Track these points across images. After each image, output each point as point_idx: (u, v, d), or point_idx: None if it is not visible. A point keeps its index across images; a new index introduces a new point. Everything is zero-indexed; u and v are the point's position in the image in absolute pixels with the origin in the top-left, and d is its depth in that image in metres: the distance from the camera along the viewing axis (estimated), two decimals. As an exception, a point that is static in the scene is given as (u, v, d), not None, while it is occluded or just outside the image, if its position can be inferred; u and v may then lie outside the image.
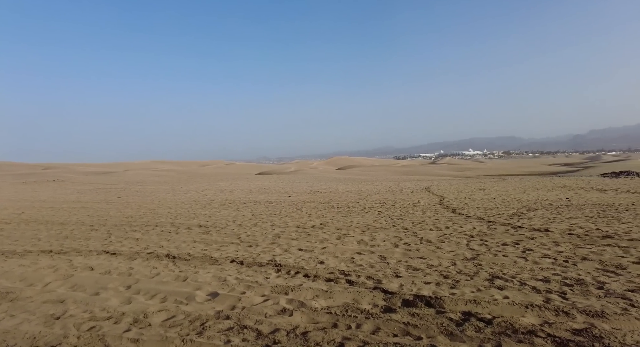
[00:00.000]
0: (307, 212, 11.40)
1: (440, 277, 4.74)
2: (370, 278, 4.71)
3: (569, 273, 4.67)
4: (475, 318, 3.41)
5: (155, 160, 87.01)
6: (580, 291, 4.06)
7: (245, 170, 62.01)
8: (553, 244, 6.25)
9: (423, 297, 3.95)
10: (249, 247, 6.70)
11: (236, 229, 8.69)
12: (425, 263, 5.40)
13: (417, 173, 51.41)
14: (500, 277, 4.61)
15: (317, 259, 5.68)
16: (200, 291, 4.34)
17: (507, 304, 3.68)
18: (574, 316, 3.40)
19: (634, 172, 27.86)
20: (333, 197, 16.17)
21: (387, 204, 13.10)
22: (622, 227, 7.49)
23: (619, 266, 4.95)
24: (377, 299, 3.99)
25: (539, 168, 60.87)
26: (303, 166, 69.87)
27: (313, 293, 4.21)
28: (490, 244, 6.46)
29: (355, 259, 5.65)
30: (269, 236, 7.63)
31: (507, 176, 40.97)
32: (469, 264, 5.30)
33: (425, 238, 7.13)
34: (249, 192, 20.10)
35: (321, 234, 7.75)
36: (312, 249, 6.35)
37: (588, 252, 5.64)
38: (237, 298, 4.11)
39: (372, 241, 7.01)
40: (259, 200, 15.70)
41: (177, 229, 8.82)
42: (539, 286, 4.24)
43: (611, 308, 3.59)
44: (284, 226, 8.94)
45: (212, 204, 14.44)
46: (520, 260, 5.36)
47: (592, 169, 42.27)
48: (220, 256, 6.04)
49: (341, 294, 4.17)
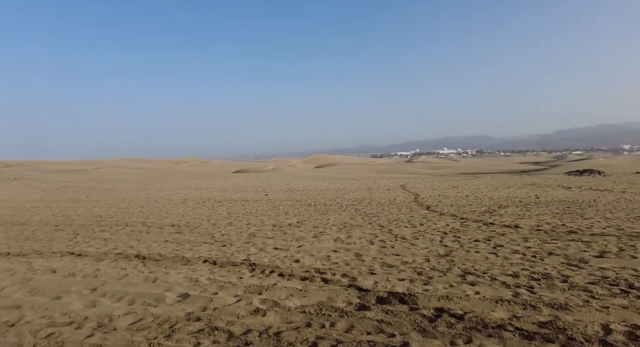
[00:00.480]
0: (284, 210, 11.32)
1: (414, 273, 4.79)
2: (345, 276, 4.70)
3: (536, 268, 4.83)
4: (448, 314, 3.46)
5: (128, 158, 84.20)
6: (546, 284, 4.20)
7: (221, 168, 61.02)
8: (522, 240, 6.46)
9: (397, 294, 3.97)
10: (223, 246, 6.56)
11: (210, 228, 8.50)
12: (399, 260, 5.45)
13: (394, 171, 52.21)
14: (472, 273, 4.70)
15: (293, 258, 5.62)
16: (170, 292, 4.19)
17: (478, 300, 3.75)
18: (540, 309, 3.50)
19: (595, 171, 29.36)
20: (311, 195, 16.13)
21: (364, 202, 13.19)
22: (585, 223, 7.84)
23: (582, 259, 5.16)
24: (352, 297, 3.98)
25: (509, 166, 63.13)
26: (281, 164, 69.47)
27: (287, 292, 4.15)
28: (462, 241, 6.60)
29: (331, 257, 5.63)
30: (244, 235, 7.51)
31: (479, 174, 42.25)
32: (442, 260, 5.38)
33: (401, 235, 7.21)
34: (225, 191, 19.76)
35: (298, 232, 7.70)
36: (288, 248, 6.29)
37: (554, 247, 5.86)
38: (209, 299, 4.00)
39: (348, 238, 7.02)
40: (235, 198, 15.46)
41: (148, 229, 8.54)
42: (509, 281, 4.36)
43: (574, 300, 3.72)
44: (260, 224, 8.82)
45: (186, 203, 14.09)
46: (492, 256, 5.51)
47: (559, 168, 44.25)
48: (192, 256, 5.87)
49: (316, 292, 4.13)
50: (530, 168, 54.47)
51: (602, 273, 4.57)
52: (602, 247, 5.77)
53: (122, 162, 73.25)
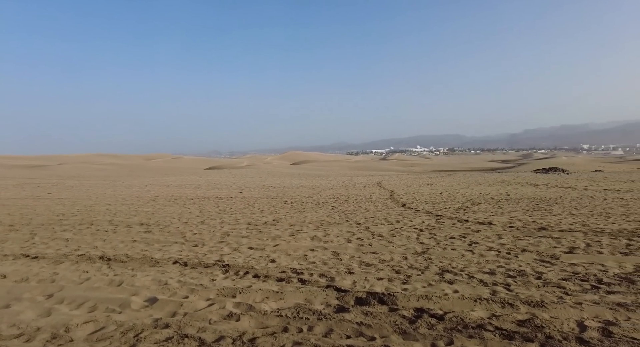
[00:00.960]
0: (260, 208, 11.06)
1: (393, 272, 4.73)
2: (323, 276, 4.57)
3: (511, 265, 4.89)
4: (428, 314, 3.40)
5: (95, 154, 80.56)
6: (522, 281, 4.24)
7: (194, 165, 59.50)
8: (496, 237, 6.56)
9: (376, 294, 3.88)
10: (194, 246, 6.27)
11: (181, 227, 8.15)
12: (377, 258, 5.38)
13: (369, 168, 52.71)
14: (449, 271, 4.69)
15: (269, 258, 5.43)
16: (136, 297, 3.91)
17: (458, 299, 3.72)
18: (518, 307, 3.51)
19: (560, 169, 30.79)
20: (287, 193, 15.92)
21: (340, 199, 13.13)
22: (553, 219, 8.09)
23: (553, 256, 5.28)
24: (330, 298, 3.85)
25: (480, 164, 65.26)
26: (256, 161, 68.62)
27: (263, 295, 3.97)
28: (439, 238, 6.63)
29: (308, 256, 5.49)
30: (217, 235, 7.22)
31: (451, 171, 43.37)
32: (420, 258, 5.36)
33: (378, 233, 7.17)
34: (198, 188, 19.19)
35: (273, 231, 7.50)
36: (264, 247, 6.09)
37: (527, 244, 5.98)
38: (179, 303, 3.76)
39: (325, 236, 6.89)
40: (208, 196, 15.01)
41: (115, 228, 8.08)
42: (486, 278, 4.37)
43: (549, 297, 3.76)
44: (234, 223, 8.55)
45: (156, 201, 13.54)
46: (468, 253, 5.54)
47: (526, 166, 46.11)
48: (162, 257, 5.56)
49: (293, 294, 3.97)
50: (499, 166, 56.51)
51: (573, 269, 4.67)
52: (571, 243, 5.95)
53: (89, 158, 70.02)
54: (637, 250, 5.50)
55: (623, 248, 5.62)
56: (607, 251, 5.47)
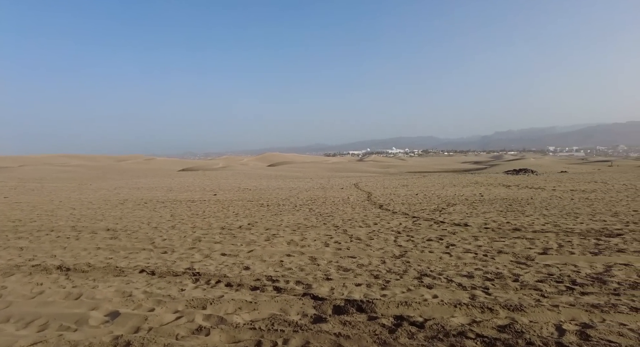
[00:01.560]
0: (234, 211, 10.73)
1: (371, 277, 4.61)
2: (299, 283, 4.39)
3: (489, 267, 4.87)
4: (408, 322, 3.28)
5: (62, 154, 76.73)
6: (500, 284, 4.22)
7: (167, 166, 57.82)
8: (473, 239, 6.58)
9: (355, 302, 3.74)
10: (163, 253, 5.93)
11: (150, 232, 7.75)
12: (355, 263, 5.26)
13: (346, 170, 52.91)
14: (428, 275, 4.62)
15: (243, 265, 5.19)
16: (96, 311, 3.59)
17: (437, 304, 3.63)
18: (498, 311, 3.46)
19: (529, 170, 31.92)
20: (263, 195, 15.61)
21: (318, 201, 12.98)
22: (526, 220, 8.25)
23: (528, 257, 5.32)
24: (307, 308, 3.67)
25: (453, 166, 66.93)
26: (232, 162, 67.50)
27: (235, 305, 3.74)
28: (416, 240, 6.59)
29: (284, 262, 5.29)
30: (188, 240, 6.89)
31: (426, 172, 44.16)
32: (398, 261, 5.28)
33: (355, 235, 7.06)
34: (170, 190, 18.53)
35: (248, 235, 7.24)
36: (237, 253, 5.83)
37: (503, 245, 6.02)
38: (143, 317, 3.47)
39: (302, 240, 6.71)
40: (180, 199, 14.48)
41: (78, 234, 7.58)
42: (464, 282, 4.32)
43: (527, 300, 3.74)
44: (207, 227, 8.22)
45: (125, 204, 12.92)
46: (445, 256, 5.50)
47: (498, 167, 47.62)
48: (127, 266, 5.21)
49: (267, 304, 3.77)
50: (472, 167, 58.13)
51: (548, 270, 4.71)
52: (544, 244, 6.04)
53: (55, 159, 66.62)
54: (605, 249, 5.63)
55: (592, 248, 5.75)
56: (578, 251, 5.58)
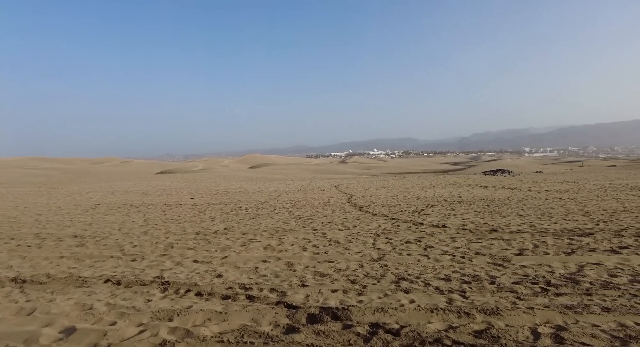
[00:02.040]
0: (211, 215, 10.44)
1: (348, 282, 4.50)
2: (273, 290, 4.22)
3: (466, 269, 4.84)
4: (383, 330, 3.18)
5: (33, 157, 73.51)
6: (477, 287, 4.18)
7: (144, 169, 56.31)
8: (450, 240, 6.57)
9: (329, 310, 3.61)
10: (132, 261, 5.65)
11: (121, 238, 7.40)
12: (333, 267, 5.13)
13: (328, 171, 52.93)
14: (405, 279, 4.54)
15: (215, 272, 4.98)
16: (49, 328, 3.32)
17: (414, 310, 3.54)
18: (474, 316, 3.40)
19: (506, 171, 32.73)
20: (242, 198, 15.32)
21: (298, 204, 12.82)
22: (503, 221, 8.35)
23: (505, 258, 5.33)
24: (280, 317, 3.52)
25: (433, 167, 68.03)
26: (212, 164, 66.39)
27: (204, 316, 3.55)
28: (395, 242, 6.53)
29: (259, 269, 5.11)
30: (160, 246, 6.61)
31: (406, 173, 44.69)
32: (376, 265, 5.19)
33: (334, 239, 6.95)
34: (145, 194, 17.96)
35: (224, 240, 7.01)
36: (211, 260, 5.61)
37: (480, 247, 6.03)
38: (102, 332, 3.23)
39: (279, 245, 6.54)
40: (155, 203, 14.03)
41: (41, 242, 7.16)
42: (442, 285, 4.26)
43: (503, 303, 3.71)
44: (181, 232, 7.93)
45: (97, 209, 12.40)
46: (423, 258, 5.45)
47: (475, 168, 48.66)
48: (91, 275, 4.91)
49: (238, 314, 3.59)
50: (451, 168, 59.19)
51: (524, 271, 4.72)
52: (520, 245, 6.08)
53: (25, 162, 63.75)
54: (578, 249, 5.72)
55: (566, 248, 5.83)
56: (552, 251, 5.64)
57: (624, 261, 5.06)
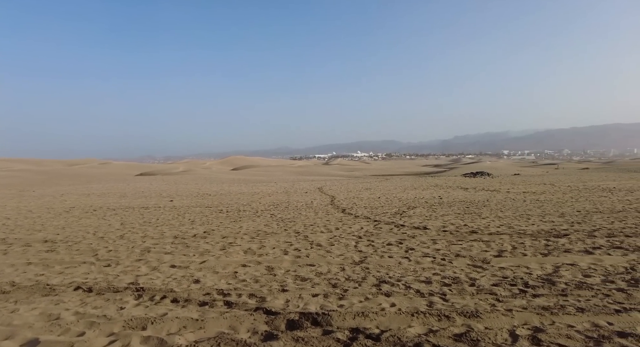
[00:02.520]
0: (190, 218, 10.21)
1: (329, 286, 4.44)
2: (253, 296, 4.12)
3: (446, 271, 4.86)
4: (364, 335, 3.13)
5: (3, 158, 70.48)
6: (457, 290, 4.19)
7: (123, 171, 54.86)
8: (431, 242, 6.61)
9: (310, 315, 3.54)
10: (106, 266, 5.43)
11: (95, 243, 7.13)
12: (314, 271, 5.07)
13: (312, 173, 52.86)
14: (386, 282, 4.52)
15: (193, 277, 4.83)
16: (10, 341, 3.12)
17: (395, 314, 3.52)
18: (454, 319, 3.40)
19: (485, 173, 33.44)
20: (223, 200, 15.08)
21: (280, 206, 12.70)
22: (482, 223, 8.48)
23: (484, 260, 5.39)
24: (258, 323, 3.42)
25: (415, 169, 68.93)
26: (194, 166, 65.31)
27: (180, 324, 3.42)
28: (376, 245, 6.52)
29: (238, 274, 4.99)
30: (136, 251, 6.39)
31: (389, 175, 45.10)
32: (357, 268, 5.16)
33: (316, 242, 6.89)
34: (123, 197, 17.45)
35: (203, 244, 6.84)
36: (188, 265, 5.45)
37: (460, 249, 6.08)
38: (69, 344, 3.06)
39: (260, 249, 6.43)
40: (133, 205, 13.64)
41: (7, 248, 6.81)
42: (422, 288, 4.26)
43: (483, 306, 3.73)
44: (159, 236, 7.70)
45: (71, 212, 11.95)
46: (404, 260, 5.45)
47: (456, 170, 49.60)
48: (61, 282, 4.69)
49: (216, 321, 3.48)
50: (432, 170, 60.12)
51: (503, 273, 4.77)
52: (499, 246, 6.17)
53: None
54: (554, 250, 5.85)
55: (542, 249, 5.95)
56: (530, 252, 5.74)
57: (597, 261, 5.19)
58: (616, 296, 3.92)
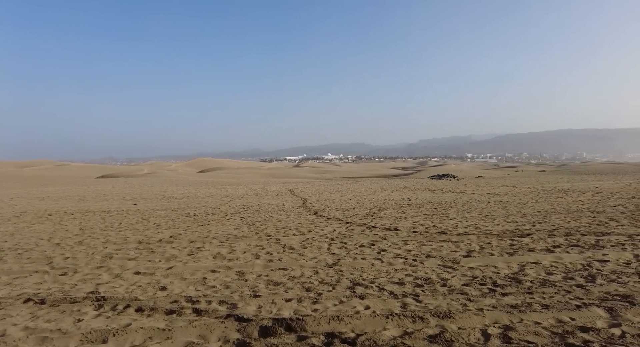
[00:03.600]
0: (156, 222, 9.77)
1: (303, 290, 4.36)
2: (223, 303, 3.96)
3: (418, 272, 4.92)
4: (339, 339, 3.08)
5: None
6: (429, 290, 4.24)
7: (82, 173, 51.98)
8: (402, 243, 6.69)
9: (283, 321, 3.44)
10: (62, 275, 5.05)
11: (50, 250, 6.63)
12: (287, 275, 4.97)
13: (283, 176, 52.51)
14: (360, 284, 4.50)
15: (159, 285, 4.59)
16: (-52, 362, 2.80)
17: (369, 316, 3.49)
18: (428, 320, 3.42)
19: (451, 175, 34.59)
20: (190, 204, 14.58)
21: (251, 209, 12.45)
22: (451, 223, 8.70)
23: (454, 260, 5.51)
24: (230, 331, 3.28)
25: (384, 171, 70.24)
26: (159, 168, 62.99)
27: (144, 335, 3.21)
28: (349, 247, 6.51)
29: (207, 280, 4.79)
30: (96, 257, 6.00)
31: (360, 178, 45.65)
32: (331, 271, 5.11)
33: (289, 245, 6.78)
34: (82, 200, 16.47)
35: (169, 249, 6.54)
36: (154, 271, 5.17)
37: (430, 249, 6.19)
38: (19, 363, 2.79)
39: (230, 253, 6.23)
40: (93, 209, 12.88)
41: (-53, 258, 6.18)
42: (396, 289, 4.27)
43: (455, 306, 3.78)
44: (122, 241, 7.29)
45: (22, 217, 11.10)
46: (377, 262, 5.47)
47: (423, 172, 51.01)
48: (8, 295, 4.29)
49: (184, 330, 3.30)
50: (400, 173, 61.47)
51: (472, 273, 4.89)
52: (468, 246, 6.34)
53: None
54: (519, 249, 6.08)
55: (508, 248, 6.17)
56: (497, 252, 5.94)
57: (558, 259, 5.45)
58: (576, 292, 4.10)
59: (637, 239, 6.54)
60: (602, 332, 3.14)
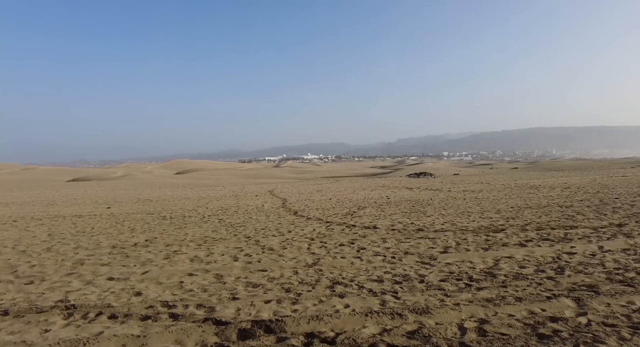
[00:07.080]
0: (130, 226, 9.47)
1: (282, 291, 4.33)
2: (201, 306, 3.88)
3: (397, 270, 4.98)
4: (319, 339, 3.07)
5: None
6: (408, 287, 4.30)
7: (52, 176, 49.81)
8: (381, 241, 6.76)
9: (262, 323, 3.40)
10: (28, 284, 4.80)
11: (15, 258, 6.31)
12: (266, 276, 4.92)
13: (262, 176, 52.09)
14: (340, 283, 4.52)
15: (133, 290, 4.44)
16: None
17: (349, 315, 3.50)
18: (407, 316, 3.46)
19: (428, 173, 35.29)
20: (167, 206, 14.23)
21: (229, 211, 12.27)
22: (428, 220, 8.87)
23: (432, 257, 5.61)
24: (208, 335, 3.22)
25: (363, 170, 70.89)
26: (133, 170, 61.12)
27: (118, 343, 3.10)
28: (329, 246, 6.52)
29: (184, 283, 4.68)
30: (66, 264, 5.75)
31: (339, 177, 45.87)
32: (311, 270, 5.10)
33: (268, 246, 6.72)
34: (51, 205, 15.77)
35: (144, 254, 6.35)
36: (129, 277, 5.01)
37: (408, 246, 6.29)
38: (-20, 378, 2.63)
39: (208, 256, 6.11)
40: (64, 214, 12.36)
41: None
42: (375, 287, 4.31)
43: (432, 301, 3.85)
44: (95, 247, 7.03)
45: (-15, 224, 10.50)
46: (357, 260, 5.50)
47: (401, 171, 51.80)
48: (-31, 306, 4.05)
49: (160, 336, 3.21)
50: (379, 171, 62.24)
51: (449, 268, 4.99)
52: (445, 243, 6.48)
53: None
54: (494, 245, 6.26)
55: (483, 244, 6.34)
56: (472, 247, 6.09)
57: (530, 253, 5.64)
58: (547, 284, 4.26)
59: (601, 232, 6.86)
60: (570, 322, 3.27)
